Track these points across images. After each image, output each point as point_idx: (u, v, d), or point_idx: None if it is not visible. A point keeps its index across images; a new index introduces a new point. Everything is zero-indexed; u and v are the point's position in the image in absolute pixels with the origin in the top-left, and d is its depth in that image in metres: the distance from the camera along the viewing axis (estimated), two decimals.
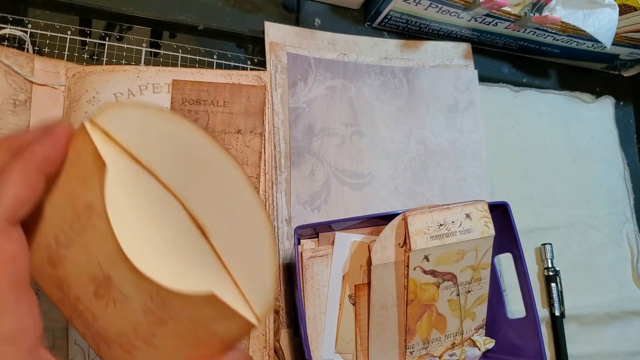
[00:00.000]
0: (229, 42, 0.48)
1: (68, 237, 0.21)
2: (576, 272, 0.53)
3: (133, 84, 0.42)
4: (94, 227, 0.20)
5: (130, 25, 0.45)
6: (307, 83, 0.48)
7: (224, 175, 0.21)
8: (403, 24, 0.53)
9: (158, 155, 0.21)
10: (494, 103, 0.55)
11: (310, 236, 0.42)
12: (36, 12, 0.43)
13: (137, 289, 0.21)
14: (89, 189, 0.21)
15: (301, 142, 0.46)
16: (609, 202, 0.57)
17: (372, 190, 0.48)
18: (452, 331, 0.42)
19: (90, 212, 0.21)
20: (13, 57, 0.40)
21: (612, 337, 0.52)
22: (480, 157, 0.52)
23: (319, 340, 0.40)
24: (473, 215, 0.40)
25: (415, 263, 0.38)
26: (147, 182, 0.21)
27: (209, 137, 0.21)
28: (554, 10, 0.49)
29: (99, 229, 0.20)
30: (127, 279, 0.20)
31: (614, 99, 0.62)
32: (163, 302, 0.21)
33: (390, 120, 0.50)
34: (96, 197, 0.20)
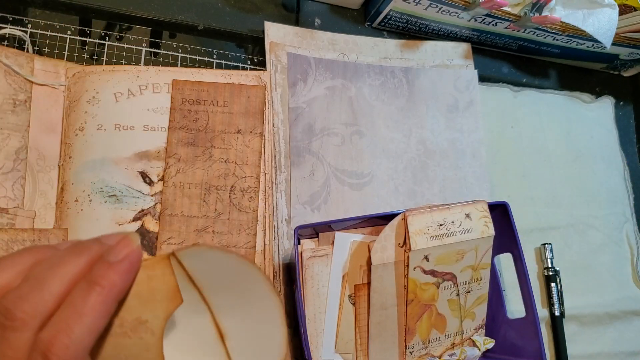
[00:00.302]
0: (229, 42, 0.48)
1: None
2: (576, 272, 0.53)
3: (133, 83, 0.42)
4: (138, 338, 0.24)
5: (130, 25, 0.45)
6: (307, 83, 0.48)
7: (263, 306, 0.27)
8: (403, 24, 0.53)
9: (213, 281, 0.26)
10: (493, 103, 0.55)
11: (310, 236, 0.42)
12: (36, 12, 0.43)
13: None
14: (149, 309, 0.24)
15: (301, 142, 0.46)
16: (608, 202, 0.57)
17: (372, 190, 0.48)
18: (451, 331, 0.42)
19: (140, 326, 0.24)
20: (13, 56, 0.40)
21: (612, 337, 0.52)
22: (480, 157, 0.52)
23: (319, 340, 0.40)
24: (473, 215, 0.40)
25: (415, 263, 0.38)
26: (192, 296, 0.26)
27: (265, 277, 0.27)
28: (553, 10, 0.49)
29: (145, 341, 0.24)
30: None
31: (614, 99, 0.62)
32: None
33: (390, 120, 0.50)
34: (155, 318, 0.24)
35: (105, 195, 0.39)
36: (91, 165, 0.40)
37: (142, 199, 0.40)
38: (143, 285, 0.24)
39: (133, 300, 0.24)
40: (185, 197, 0.41)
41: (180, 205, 0.41)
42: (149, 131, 0.42)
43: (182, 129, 0.42)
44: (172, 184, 0.41)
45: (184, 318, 0.26)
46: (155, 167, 0.41)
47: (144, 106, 0.42)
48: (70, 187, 0.39)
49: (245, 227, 0.42)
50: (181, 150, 0.42)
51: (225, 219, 0.41)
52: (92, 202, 0.39)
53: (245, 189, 0.42)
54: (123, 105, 0.41)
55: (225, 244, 0.41)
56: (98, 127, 0.41)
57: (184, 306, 0.25)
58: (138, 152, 0.41)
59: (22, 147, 0.39)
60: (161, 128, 0.42)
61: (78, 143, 0.40)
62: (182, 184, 0.41)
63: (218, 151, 0.43)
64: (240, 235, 0.41)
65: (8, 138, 0.39)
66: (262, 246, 0.42)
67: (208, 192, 0.42)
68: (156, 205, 0.41)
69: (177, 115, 0.42)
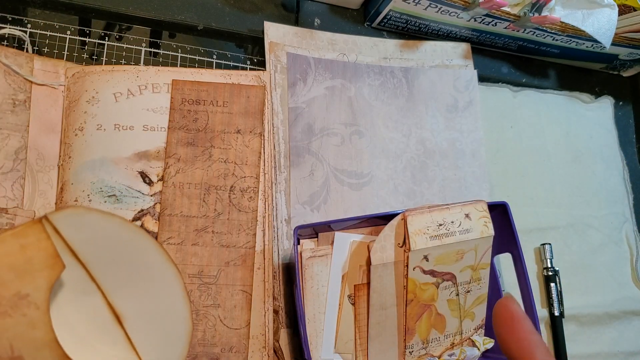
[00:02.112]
0: (229, 42, 0.48)
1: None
2: (575, 272, 0.53)
3: (132, 83, 0.42)
4: (21, 315, 0.21)
5: (130, 25, 0.45)
6: (307, 83, 0.48)
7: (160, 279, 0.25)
8: (402, 24, 0.53)
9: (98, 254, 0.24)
10: (493, 103, 0.55)
11: (310, 236, 0.42)
12: (35, 11, 0.43)
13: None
14: (27, 281, 0.21)
15: (301, 142, 0.46)
16: (608, 202, 0.57)
17: (372, 190, 0.48)
18: (451, 331, 0.42)
19: (21, 301, 0.21)
20: (12, 56, 0.40)
21: (611, 337, 0.52)
22: (480, 157, 0.52)
23: (319, 340, 0.40)
24: (472, 215, 0.40)
25: (415, 263, 0.38)
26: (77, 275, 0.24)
27: (159, 246, 0.25)
28: (553, 10, 0.49)
29: (29, 317, 0.21)
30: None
31: (614, 99, 0.62)
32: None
33: (389, 120, 0.50)
34: (37, 290, 0.21)
35: (105, 195, 0.39)
36: (91, 165, 0.40)
37: (142, 199, 0.40)
38: (16, 256, 0.22)
39: (7, 274, 0.21)
40: (185, 197, 0.41)
41: (179, 205, 0.41)
42: (148, 131, 0.42)
43: (181, 129, 0.42)
44: (172, 184, 0.41)
45: (73, 301, 0.24)
46: (155, 167, 0.41)
47: (144, 106, 0.42)
48: (70, 187, 0.39)
49: (245, 227, 0.42)
50: (181, 150, 0.42)
51: (225, 219, 0.41)
52: (91, 202, 0.39)
53: (245, 189, 0.42)
54: (122, 105, 0.41)
55: (225, 244, 0.41)
56: (97, 127, 0.41)
57: (70, 288, 0.23)
58: (137, 152, 0.41)
59: (21, 147, 0.39)
60: (161, 128, 0.42)
61: (77, 143, 0.40)
62: (182, 184, 0.41)
63: (218, 151, 0.43)
64: (240, 235, 0.41)
65: (7, 138, 0.39)
66: (261, 246, 0.42)
67: (207, 192, 0.42)
68: (156, 205, 0.41)
69: (176, 115, 0.42)
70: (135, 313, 0.25)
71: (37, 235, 0.22)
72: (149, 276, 0.25)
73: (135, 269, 0.25)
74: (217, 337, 0.39)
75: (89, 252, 0.24)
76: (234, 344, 0.39)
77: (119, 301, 0.25)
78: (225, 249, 0.41)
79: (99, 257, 0.24)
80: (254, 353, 0.40)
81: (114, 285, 0.25)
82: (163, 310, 0.25)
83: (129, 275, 0.25)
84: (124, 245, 0.24)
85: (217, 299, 0.40)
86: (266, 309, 0.41)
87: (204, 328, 0.39)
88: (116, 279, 0.25)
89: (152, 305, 0.25)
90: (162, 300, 0.25)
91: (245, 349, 0.39)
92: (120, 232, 0.24)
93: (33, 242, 0.22)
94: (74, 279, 0.23)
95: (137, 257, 0.24)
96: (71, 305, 0.24)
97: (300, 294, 0.38)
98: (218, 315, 0.39)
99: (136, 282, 0.25)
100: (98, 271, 0.24)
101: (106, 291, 0.25)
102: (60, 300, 0.24)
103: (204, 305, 0.39)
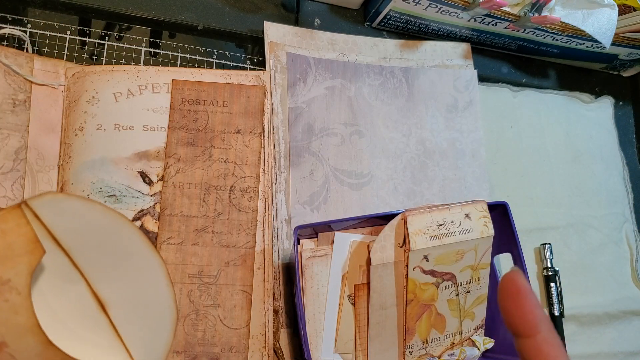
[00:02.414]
0: (229, 42, 0.48)
1: None
2: (575, 272, 0.53)
3: (132, 83, 0.42)
4: (3, 301, 0.22)
5: (130, 25, 0.45)
6: (307, 83, 0.48)
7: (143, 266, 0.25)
8: (402, 24, 0.53)
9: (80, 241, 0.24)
10: (493, 103, 0.55)
11: (310, 236, 0.42)
12: (35, 11, 0.43)
13: (38, 356, 0.22)
14: (8, 267, 0.22)
15: (300, 142, 0.46)
16: (608, 202, 0.57)
17: (372, 190, 0.48)
18: (451, 331, 0.42)
19: (3, 287, 0.22)
20: (12, 56, 0.40)
21: (611, 337, 0.52)
22: (480, 157, 0.52)
23: (319, 340, 0.40)
24: (472, 215, 0.40)
25: (415, 263, 0.38)
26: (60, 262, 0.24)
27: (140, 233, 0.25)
28: (553, 10, 0.49)
29: (11, 303, 0.22)
30: (31, 347, 0.22)
31: (613, 99, 0.62)
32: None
33: (389, 120, 0.50)
34: (18, 275, 0.22)
35: (105, 195, 0.39)
36: (90, 165, 0.40)
37: (142, 199, 0.40)
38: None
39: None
40: (185, 197, 0.41)
41: (179, 205, 0.41)
42: (148, 131, 0.42)
43: (181, 129, 0.42)
44: (172, 184, 0.41)
45: (57, 289, 0.24)
46: (155, 167, 0.41)
47: (144, 106, 0.42)
48: (70, 187, 0.39)
49: (245, 227, 0.42)
50: (181, 150, 0.42)
51: (225, 219, 0.41)
52: None
53: (245, 189, 0.42)
54: (122, 105, 0.41)
55: (225, 244, 0.41)
56: (97, 127, 0.41)
57: (53, 275, 0.23)
58: (137, 152, 0.41)
59: (21, 147, 0.39)
60: (161, 128, 0.42)
61: (77, 143, 0.40)
62: (182, 184, 0.41)
63: (218, 151, 0.43)
64: (240, 235, 0.41)
65: (7, 138, 0.39)
66: (261, 246, 0.42)
67: (207, 192, 0.42)
68: (156, 205, 0.41)
69: (176, 115, 0.42)
70: (120, 300, 0.25)
71: (17, 221, 0.22)
72: (133, 264, 0.25)
73: (119, 257, 0.25)
74: (217, 337, 0.39)
75: (71, 239, 0.24)
76: (234, 344, 0.39)
77: (103, 289, 0.25)
78: (225, 249, 0.41)
79: (81, 244, 0.24)
80: (254, 353, 0.40)
81: (97, 273, 0.25)
82: (147, 297, 0.25)
83: (113, 262, 0.25)
84: (106, 232, 0.24)
85: (217, 299, 0.40)
86: (266, 309, 0.41)
87: (204, 328, 0.39)
88: (100, 266, 0.25)
89: (136, 293, 0.25)
90: (146, 287, 0.25)
91: (245, 349, 0.39)
92: (102, 219, 0.24)
93: (12, 227, 0.22)
94: (56, 267, 0.23)
95: (120, 244, 0.24)
96: (55, 293, 0.24)
97: (300, 294, 0.38)
98: (218, 315, 0.39)
99: (120, 270, 0.25)
100: (81, 258, 0.24)
101: (90, 279, 0.25)
102: (44, 288, 0.24)
103: (204, 305, 0.39)
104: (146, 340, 0.25)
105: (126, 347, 0.25)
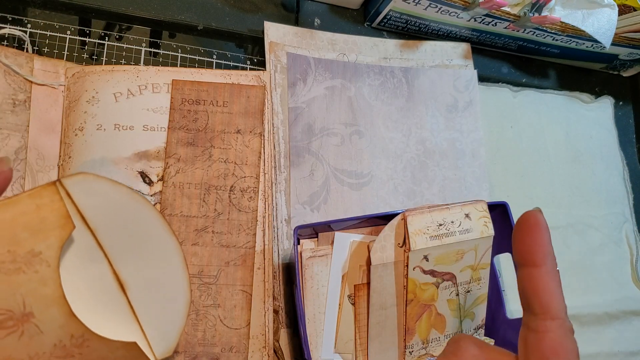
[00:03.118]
0: (229, 42, 0.48)
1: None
2: (575, 272, 0.53)
3: (132, 83, 0.42)
4: (34, 272, 0.23)
5: (130, 25, 0.45)
6: (307, 83, 0.48)
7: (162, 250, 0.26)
8: (402, 24, 0.53)
9: (106, 221, 0.25)
10: (493, 103, 0.55)
11: (310, 236, 0.42)
12: (35, 11, 0.43)
13: (61, 328, 0.23)
14: (40, 239, 0.23)
15: (301, 142, 0.46)
16: (608, 202, 0.57)
17: (372, 190, 0.48)
18: (451, 331, 0.42)
19: (34, 258, 0.23)
20: (12, 56, 0.40)
21: (611, 337, 0.52)
22: (480, 157, 0.52)
23: (319, 340, 0.40)
24: (472, 215, 0.40)
25: (415, 263, 0.38)
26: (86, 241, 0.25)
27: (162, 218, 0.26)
28: (553, 10, 0.49)
29: (40, 274, 0.23)
30: (55, 318, 0.23)
31: (614, 99, 0.62)
32: (82, 342, 0.24)
33: (389, 120, 0.50)
34: (49, 248, 0.23)
35: None
36: (91, 165, 0.40)
37: None
38: (32, 215, 0.23)
39: (23, 232, 0.23)
40: (185, 197, 0.41)
41: (179, 205, 0.41)
42: (148, 131, 0.42)
43: (181, 129, 0.42)
44: (172, 184, 0.41)
45: (81, 267, 0.25)
46: (155, 167, 0.41)
47: (144, 106, 0.42)
48: None
49: (245, 227, 0.42)
50: (181, 150, 0.42)
51: (225, 219, 0.41)
52: None
53: (245, 189, 0.42)
54: (122, 105, 0.41)
55: (225, 244, 0.41)
56: (97, 127, 0.41)
57: (79, 254, 0.25)
58: (137, 152, 0.41)
59: (21, 147, 0.39)
60: (161, 128, 0.42)
61: (77, 143, 0.40)
62: (182, 184, 0.41)
63: (218, 151, 0.43)
64: (240, 235, 0.41)
65: (7, 138, 0.39)
66: (261, 246, 0.42)
67: (207, 192, 0.42)
68: (156, 205, 0.41)
69: (176, 115, 0.42)
70: (138, 282, 0.26)
71: (51, 197, 0.23)
72: (152, 246, 0.26)
73: (140, 239, 0.26)
74: (217, 337, 0.39)
75: (98, 219, 0.25)
76: (234, 344, 0.39)
77: (124, 269, 0.26)
78: (225, 249, 0.41)
79: (106, 225, 0.25)
80: (254, 353, 0.40)
81: (119, 254, 0.26)
82: (164, 280, 0.26)
83: (134, 244, 0.26)
84: (130, 214, 0.25)
85: (217, 299, 0.40)
86: (266, 309, 0.41)
87: (204, 328, 0.39)
88: (122, 247, 0.26)
89: (154, 275, 0.26)
90: (163, 270, 0.26)
91: (245, 349, 0.39)
92: (127, 201, 0.25)
93: (47, 202, 0.23)
94: (82, 245, 0.24)
95: (142, 227, 0.25)
96: (79, 270, 0.25)
97: (300, 294, 0.38)
98: (218, 315, 0.39)
99: (140, 252, 0.26)
100: (105, 239, 0.25)
101: (112, 259, 0.26)
102: (69, 265, 0.25)
103: (204, 305, 0.39)
104: (160, 322, 0.26)
105: (142, 327, 0.26)
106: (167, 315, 0.26)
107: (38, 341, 0.23)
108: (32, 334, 0.23)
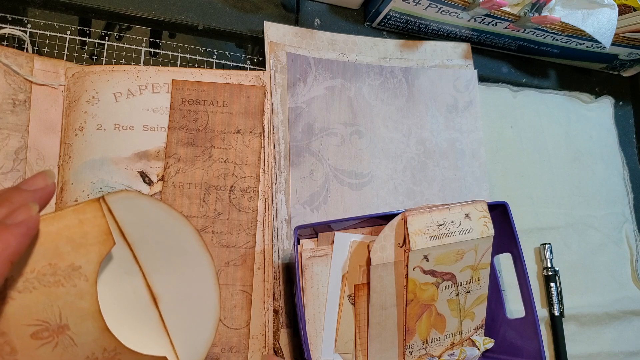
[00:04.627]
0: (229, 42, 0.48)
1: (28, 283, 0.23)
2: (575, 272, 0.53)
3: (132, 83, 0.42)
4: (72, 286, 0.23)
5: (130, 25, 0.45)
6: (307, 83, 0.48)
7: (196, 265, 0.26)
8: (402, 24, 0.53)
9: (144, 236, 0.26)
10: (493, 103, 0.55)
11: (310, 236, 0.42)
12: (35, 11, 0.43)
13: (94, 342, 0.24)
14: (81, 254, 0.23)
15: (300, 142, 0.46)
16: (608, 202, 0.57)
17: (372, 190, 0.48)
18: (451, 331, 0.42)
19: (74, 272, 0.23)
20: (12, 56, 0.40)
21: (611, 337, 0.52)
22: (480, 157, 0.52)
23: (319, 340, 0.40)
24: (472, 215, 0.40)
25: (415, 263, 0.38)
26: (123, 255, 0.26)
27: (197, 234, 0.27)
28: (553, 10, 0.49)
29: (78, 288, 0.23)
30: (90, 332, 0.24)
31: (613, 99, 0.62)
32: (114, 355, 0.24)
33: (389, 120, 0.50)
34: (88, 263, 0.24)
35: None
36: (91, 165, 0.40)
37: None
38: (75, 229, 0.23)
39: (66, 246, 0.23)
40: (185, 197, 0.41)
41: (179, 205, 0.41)
42: (148, 131, 0.42)
43: (181, 129, 0.42)
44: (172, 184, 0.41)
45: (116, 280, 0.26)
46: (155, 167, 0.41)
47: (144, 106, 0.42)
48: (70, 187, 0.39)
49: (245, 227, 0.42)
50: (181, 150, 0.42)
51: (225, 219, 0.41)
52: None
53: (245, 189, 0.42)
54: (122, 105, 0.41)
55: (225, 244, 0.41)
56: (97, 127, 0.41)
57: (115, 267, 0.25)
58: (137, 152, 0.41)
59: (21, 147, 0.39)
60: (161, 128, 0.42)
61: (77, 143, 0.40)
62: (182, 184, 0.41)
63: (218, 151, 0.43)
64: (240, 235, 0.41)
65: (8, 138, 0.39)
66: (261, 246, 0.42)
67: (208, 192, 0.42)
68: None
69: (176, 115, 0.42)
70: (171, 296, 0.26)
71: (94, 213, 0.24)
72: (186, 261, 0.26)
73: (175, 254, 0.26)
74: (217, 337, 0.39)
75: (136, 234, 0.25)
76: (234, 344, 0.39)
77: (157, 283, 0.26)
78: (225, 249, 0.41)
79: (143, 240, 0.26)
80: (254, 353, 0.40)
81: (154, 267, 0.26)
82: (196, 295, 0.27)
83: (169, 258, 0.26)
84: (167, 230, 0.26)
85: None
86: (266, 309, 0.41)
87: None
88: (157, 261, 0.26)
89: (186, 290, 0.27)
90: (195, 285, 0.27)
91: (245, 349, 0.39)
92: (165, 217, 0.26)
93: (90, 218, 0.24)
94: (119, 258, 0.25)
95: (178, 242, 0.26)
96: (114, 283, 0.26)
97: (300, 294, 0.38)
98: None
99: (174, 266, 0.26)
100: (142, 252, 0.26)
101: (146, 272, 0.26)
102: (105, 277, 0.25)
103: None
104: (189, 337, 0.27)
105: (171, 341, 0.26)
106: (196, 330, 0.27)
107: (71, 353, 0.24)
108: (66, 345, 0.23)
